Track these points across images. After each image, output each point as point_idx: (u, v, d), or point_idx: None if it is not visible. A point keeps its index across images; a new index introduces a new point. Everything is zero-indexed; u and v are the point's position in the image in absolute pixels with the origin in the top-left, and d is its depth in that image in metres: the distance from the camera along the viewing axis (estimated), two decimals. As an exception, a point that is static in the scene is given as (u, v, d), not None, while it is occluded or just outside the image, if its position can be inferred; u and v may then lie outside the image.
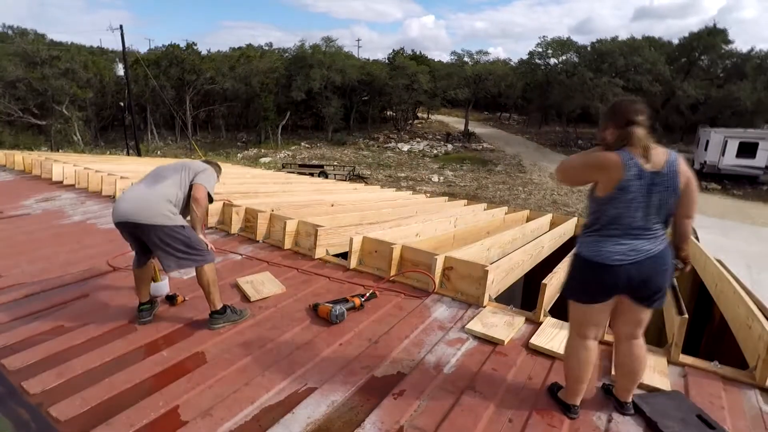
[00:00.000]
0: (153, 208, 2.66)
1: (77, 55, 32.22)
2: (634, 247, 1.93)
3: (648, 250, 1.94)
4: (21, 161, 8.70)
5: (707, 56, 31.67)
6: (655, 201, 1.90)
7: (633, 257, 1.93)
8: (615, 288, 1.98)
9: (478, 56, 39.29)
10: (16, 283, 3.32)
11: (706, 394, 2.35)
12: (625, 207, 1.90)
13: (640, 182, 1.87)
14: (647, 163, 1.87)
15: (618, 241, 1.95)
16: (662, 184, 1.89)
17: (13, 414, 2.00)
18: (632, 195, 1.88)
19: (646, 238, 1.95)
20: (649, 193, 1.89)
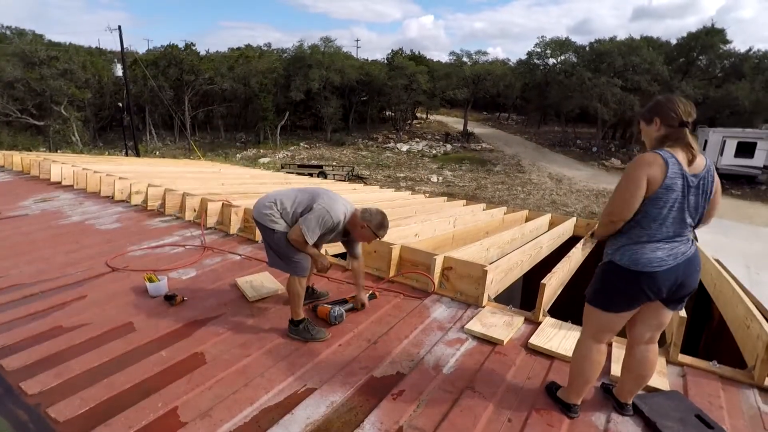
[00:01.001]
0: (258, 206, 2.81)
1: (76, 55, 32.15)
2: (672, 250, 1.91)
3: (684, 253, 1.92)
4: (19, 162, 8.68)
5: (705, 56, 31.70)
6: (692, 203, 1.89)
7: (672, 262, 1.90)
8: (657, 294, 1.93)
9: (476, 56, 39.35)
10: (14, 284, 3.32)
11: (705, 393, 2.35)
12: (669, 208, 1.87)
13: (682, 182, 1.85)
14: (689, 165, 1.86)
15: (657, 246, 1.91)
16: (700, 188, 1.88)
17: (12, 415, 1.99)
18: (675, 194, 1.85)
19: (681, 241, 1.93)
20: (687, 195, 1.87)
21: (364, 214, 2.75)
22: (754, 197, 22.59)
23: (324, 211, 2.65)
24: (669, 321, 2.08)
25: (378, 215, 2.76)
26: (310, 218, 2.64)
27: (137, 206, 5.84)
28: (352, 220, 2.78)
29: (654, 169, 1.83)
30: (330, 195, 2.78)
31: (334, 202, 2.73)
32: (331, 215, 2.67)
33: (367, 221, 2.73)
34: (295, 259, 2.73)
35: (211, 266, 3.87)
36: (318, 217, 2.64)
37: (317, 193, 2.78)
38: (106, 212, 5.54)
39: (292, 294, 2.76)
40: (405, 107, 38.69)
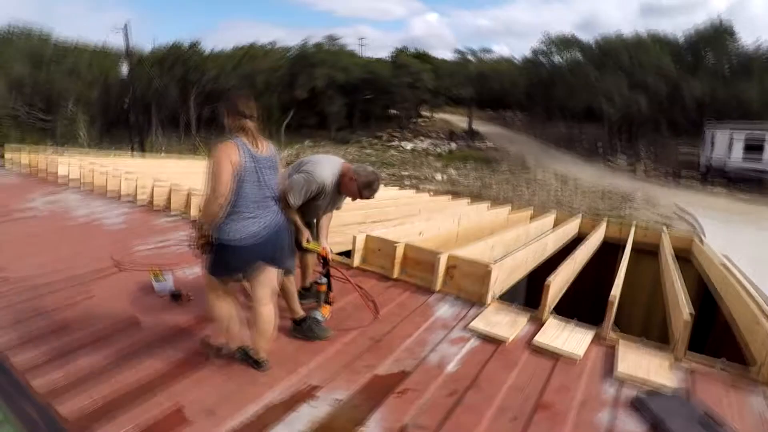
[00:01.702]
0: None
1: (82, 54, 32.34)
2: (263, 222, 2.28)
3: (276, 223, 2.34)
4: (27, 160, 8.75)
5: (714, 53, 31.36)
6: (267, 180, 2.29)
7: (265, 232, 2.27)
8: (262, 259, 2.33)
9: (481, 54, 39.22)
10: (22, 282, 3.35)
11: (712, 392, 2.34)
12: (251, 184, 2.23)
13: (254, 164, 2.22)
14: (256, 149, 2.25)
15: (251, 221, 2.25)
16: (271, 167, 2.32)
17: (21, 411, 2.01)
18: (251, 173, 2.22)
19: (269, 212, 2.31)
20: (262, 173, 2.26)
21: (357, 169, 2.77)
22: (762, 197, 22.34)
23: (306, 174, 2.66)
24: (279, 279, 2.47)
25: (370, 174, 2.76)
26: (294, 180, 2.64)
27: (143, 204, 5.88)
28: (344, 172, 2.78)
29: (233, 154, 2.17)
30: (315, 160, 2.80)
31: (318, 165, 2.73)
32: (314, 176, 2.65)
33: (357, 175, 2.74)
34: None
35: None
36: (302, 180, 2.63)
37: (304, 161, 2.81)
38: (112, 210, 5.58)
39: (285, 292, 2.75)
40: (409, 105, 38.61)
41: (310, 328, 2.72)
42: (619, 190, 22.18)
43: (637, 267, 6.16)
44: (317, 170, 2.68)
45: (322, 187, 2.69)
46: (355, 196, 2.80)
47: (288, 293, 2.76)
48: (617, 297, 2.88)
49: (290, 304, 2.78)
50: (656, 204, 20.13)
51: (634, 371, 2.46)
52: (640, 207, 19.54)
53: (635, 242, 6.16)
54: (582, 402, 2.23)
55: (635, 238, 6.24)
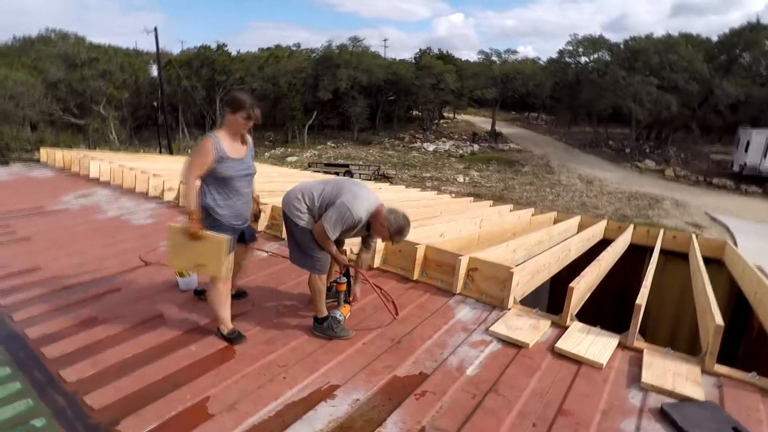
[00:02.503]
0: (288, 198, 2.85)
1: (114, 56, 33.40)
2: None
3: None
4: (61, 158, 9.08)
5: (749, 53, 30.18)
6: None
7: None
8: None
9: (506, 55, 38.73)
10: (55, 276, 3.47)
11: (743, 406, 2.25)
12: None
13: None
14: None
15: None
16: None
17: (51, 401, 2.09)
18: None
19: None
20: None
21: (389, 215, 2.73)
22: (800, 201, 21.41)
23: (345, 209, 2.63)
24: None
25: (401, 220, 2.73)
26: (331, 215, 2.64)
27: (170, 202, 6.02)
28: (376, 215, 2.76)
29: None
30: (355, 192, 2.75)
31: (357, 200, 2.69)
32: (352, 213, 2.64)
33: (388, 222, 2.71)
34: (317, 256, 2.76)
35: (239, 262, 3.95)
36: (339, 215, 2.63)
37: (342, 189, 2.75)
38: (140, 208, 5.74)
39: (314, 291, 2.80)
40: (432, 107, 38.48)
41: (330, 327, 2.74)
42: (648, 193, 21.59)
43: (665, 272, 5.98)
44: (355, 207, 2.66)
45: (357, 223, 2.71)
46: (385, 239, 2.84)
47: (316, 292, 2.80)
48: (644, 303, 2.81)
49: (316, 303, 2.81)
50: (687, 207, 19.51)
51: (660, 381, 2.38)
52: (669, 211, 18.98)
53: (663, 247, 5.98)
54: (605, 410, 2.18)
55: (664, 243, 6.06)
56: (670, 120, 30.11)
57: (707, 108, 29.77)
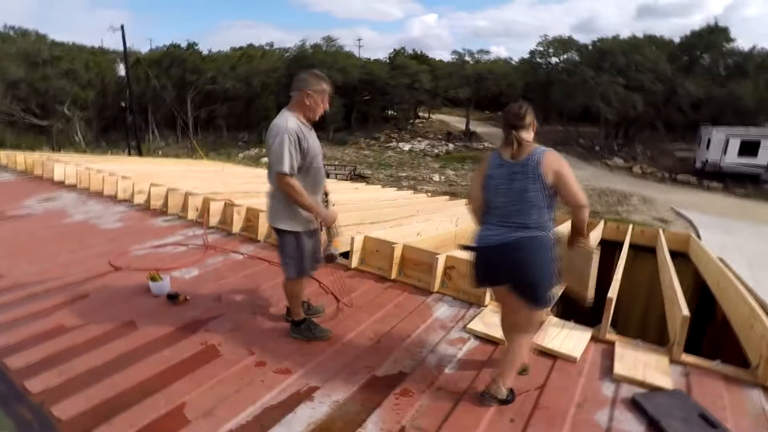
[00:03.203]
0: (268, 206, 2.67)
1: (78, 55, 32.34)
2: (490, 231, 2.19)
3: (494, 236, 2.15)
4: (23, 161, 8.72)
5: (709, 54, 31.50)
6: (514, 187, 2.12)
7: (482, 242, 2.19)
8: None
9: (479, 55, 39.27)
10: (17, 283, 3.33)
11: (709, 393, 2.35)
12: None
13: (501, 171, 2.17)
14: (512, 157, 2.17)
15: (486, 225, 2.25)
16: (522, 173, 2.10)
17: (16, 413, 2.00)
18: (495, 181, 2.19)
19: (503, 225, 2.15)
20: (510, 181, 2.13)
21: (296, 88, 2.55)
22: (757, 196, 22.48)
23: (278, 138, 2.41)
24: (522, 313, 2.20)
25: (305, 74, 2.55)
26: (273, 148, 2.42)
27: (140, 206, 5.86)
28: (296, 107, 2.55)
29: (483, 162, 2.29)
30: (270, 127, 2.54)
31: (275, 126, 2.49)
32: (282, 129, 2.42)
33: (304, 89, 2.51)
34: (289, 259, 2.65)
35: (213, 265, 3.88)
36: (278, 144, 2.39)
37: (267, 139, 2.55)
38: (108, 212, 5.56)
39: (290, 295, 2.75)
40: (407, 106, 38.67)
41: (308, 329, 2.71)
42: (617, 190, 22.25)
43: (634, 266, 6.17)
44: (279, 125, 2.44)
45: (298, 135, 2.45)
46: (324, 99, 2.58)
47: (291, 296, 2.74)
48: (615, 297, 2.89)
49: (292, 306, 2.76)
50: (654, 202, 20.20)
51: (631, 372, 2.46)
52: (637, 206, 19.61)
53: (632, 241, 6.17)
54: (580, 403, 2.23)
55: (632, 238, 6.25)
56: (636, 119, 31.11)
57: (671, 107, 30.89)
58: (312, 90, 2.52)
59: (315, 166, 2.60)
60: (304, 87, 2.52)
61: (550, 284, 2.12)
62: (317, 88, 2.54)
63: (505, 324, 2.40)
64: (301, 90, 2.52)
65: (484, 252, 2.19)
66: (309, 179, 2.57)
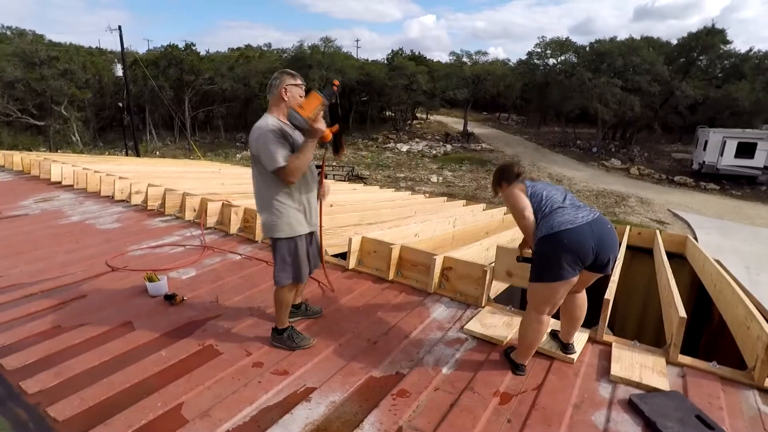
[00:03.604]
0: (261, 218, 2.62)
1: (76, 55, 32.18)
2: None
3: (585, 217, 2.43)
4: (20, 161, 8.68)
5: (706, 56, 31.64)
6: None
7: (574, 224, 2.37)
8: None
9: (476, 56, 39.34)
10: (14, 284, 3.32)
11: (705, 394, 2.35)
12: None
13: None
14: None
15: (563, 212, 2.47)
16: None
17: (11, 414, 1.99)
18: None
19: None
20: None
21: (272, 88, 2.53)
22: (754, 198, 22.57)
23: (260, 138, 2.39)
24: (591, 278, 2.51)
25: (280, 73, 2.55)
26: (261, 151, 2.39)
27: (137, 206, 5.85)
28: (274, 108, 2.53)
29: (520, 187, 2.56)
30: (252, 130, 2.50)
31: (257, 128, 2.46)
32: (263, 128, 2.41)
33: (280, 87, 2.50)
34: (285, 266, 2.59)
35: (210, 266, 3.87)
36: (264, 143, 2.38)
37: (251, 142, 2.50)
38: (106, 212, 5.55)
39: (279, 302, 2.64)
40: (405, 107, 38.69)
41: (290, 338, 2.63)
42: (614, 191, 22.30)
43: (631, 268, 6.19)
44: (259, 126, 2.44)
45: (281, 130, 2.43)
46: (301, 94, 2.56)
47: (278, 302, 2.65)
48: (612, 298, 2.89)
49: (278, 313, 2.66)
50: (651, 204, 20.25)
51: (628, 373, 2.46)
52: (634, 208, 19.66)
53: (629, 243, 6.18)
54: (576, 404, 2.24)
55: (630, 239, 6.27)
56: (633, 120, 31.22)
57: (668, 109, 31.01)
58: (287, 86, 2.52)
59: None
60: (279, 85, 2.52)
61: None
62: (291, 82, 2.54)
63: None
64: (278, 87, 2.52)
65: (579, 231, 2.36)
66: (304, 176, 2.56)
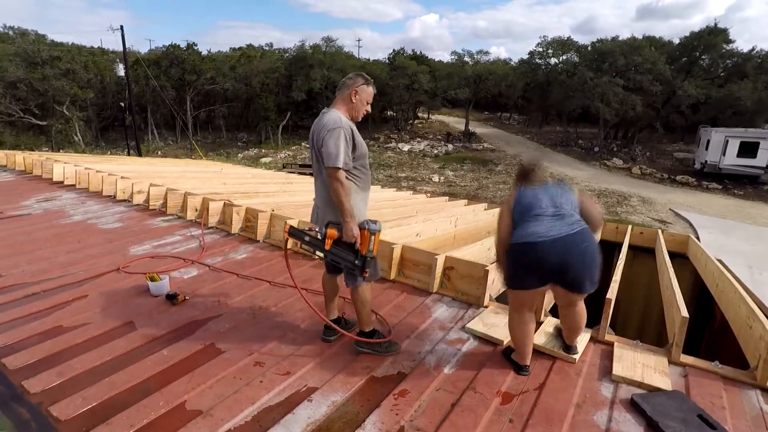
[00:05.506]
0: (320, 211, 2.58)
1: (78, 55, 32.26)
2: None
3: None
4: (22, 161, 8.70)
5: (708, 56, 31.54)
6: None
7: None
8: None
9: (478, 56, 39.34)
10: (16, 283, 3.32)
11: (707, 394, 2.35)
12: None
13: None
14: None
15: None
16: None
17: (14, 413, 2.00)
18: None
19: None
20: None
21: (345, 87, 2.52)
22: (756, 197, 22.52)
23: (334, 132, 2.34)
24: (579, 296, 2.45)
25: (356, 75, 2.55)
26: (328, 146, 2.33)
27: (139, 206, 5.85)
28: (342, 106, 2.51)
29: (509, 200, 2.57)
30: (321, 119, 2.46)
31: (329, 121, 2.40)
32: (339, 124, 2.36)
33: (353, 87, 2.49)
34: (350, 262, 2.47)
35: (212, 265, 3.87)
36: (335, 139, 2.33)
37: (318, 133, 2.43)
38: (108, 212, 5.55)
39: (362, 302, 2.57)
40: (406, 107, 38.69)
41: (379, 343, 2.58)
42: (616, 190, 22.26)
43: (633, 267, 6.18)
44: (335, 120, 2.39)
45: (352, 131, 2.45)
46: (365, 109, 2.57)
47: (361, 302, 2.57)
48: (614, 298, 2.89)
49: (363, 314, 2.59)
50: (653, 203, 20.21)
51: (630, 373, 2.46)
52: (636, 207, 19.62)
53: (631, 242, 6.17)
54: (578, 404, 2.24)
55: (631, 239, 6.26)
56: (635, 120, 31.15)
57: (670, 108, 30.93)
58: (359, 88, 2.52)
59: (364, 167, 2.56)
60: (353, 85, 2.52)
61: None
62: (365, 88, 2.54)
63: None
64: (350, 87, 2.52)
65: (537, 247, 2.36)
66: (359, 179, 2.53)
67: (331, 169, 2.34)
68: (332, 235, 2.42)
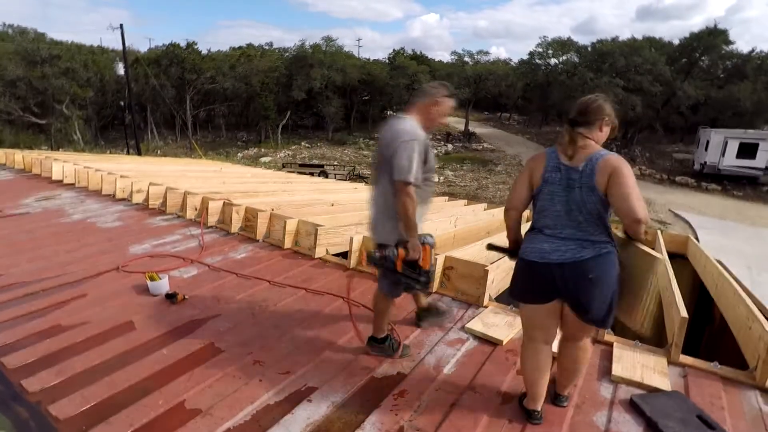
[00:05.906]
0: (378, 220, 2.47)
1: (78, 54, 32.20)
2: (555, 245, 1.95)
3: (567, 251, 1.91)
4: (21, 160, 8.69)
5: (708, 57, 31.54)
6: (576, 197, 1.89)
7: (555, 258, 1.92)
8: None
9: (478, 56, 39.36)
10: (15, 282, 3.32)
11: (706, 394, 2.35)
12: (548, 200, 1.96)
13: (560, 175, 1.93)
14: (569, 160, 1.93)
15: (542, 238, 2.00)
16: (578, 181, 1.89)
17: (13, 413, 1.99)
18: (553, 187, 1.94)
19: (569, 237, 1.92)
20: (571, 188, 1.90)
21: (426, 95, 2.44)
22: (756, 198, 22.53)
23: (410, 144, 2.23)
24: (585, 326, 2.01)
25: (440, 84, 2.49)
26: (400, 156, 2.22)
27: (138, 205, 5.85)
28: (418, 114, 2.42)
29: (536, 162, 2.02)
30: (393, 125, 2.38)
31: (403, 131, 2.30)
32: (415, 136, 2.28)
33: (436, 96, 2.42)
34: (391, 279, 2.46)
35: (212, 265, 3.87)
36: (409, 151, 2.22)
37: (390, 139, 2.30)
38: (107, 210, 5.55)
39: (377, 310, 2.59)
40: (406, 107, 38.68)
41: (391, 347, 2.57)
42: (615, 191, 22.22)
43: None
44: (411, 131, 2.30)
45: (426, 146, 2.35)
46: (439, 121, 2.51)
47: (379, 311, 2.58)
48: (613, 298, 2.89)
49: (377, 321, 2.59)
50: (653, 204, 20.21)
51: (629, 373, 2.46)
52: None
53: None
54: (578, 404, 2.24)
55: (631, 240, 6.25)
56: (635, 120, 31.14)
57: (670, 109, 30.94)
58: (441, 99, 2.43)
59: (431, 180, 2.50)
60: (436, 94, 2.43)
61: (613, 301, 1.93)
62: (447, 100, 2.45)
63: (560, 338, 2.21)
64: (432, 96, 2.43)
65: (543, 268, 1.94)
66: (424, 192, 2.45)
67: (402, 183, 2.24)
68: (402, 256, 2.34)
